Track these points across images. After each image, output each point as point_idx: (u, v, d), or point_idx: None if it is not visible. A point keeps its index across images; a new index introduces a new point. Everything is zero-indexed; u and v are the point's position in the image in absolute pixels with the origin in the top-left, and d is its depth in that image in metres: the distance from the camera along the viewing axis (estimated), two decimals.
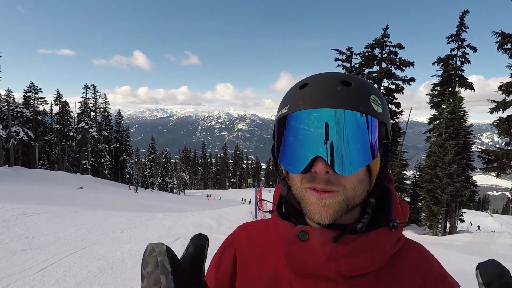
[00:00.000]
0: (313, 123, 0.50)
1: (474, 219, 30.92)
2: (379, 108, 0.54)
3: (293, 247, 0.56)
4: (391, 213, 0.59)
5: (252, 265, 0.66)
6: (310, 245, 0.55)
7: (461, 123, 20.57)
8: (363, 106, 0.51)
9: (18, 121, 37.71)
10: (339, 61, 24.50)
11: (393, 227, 0.56)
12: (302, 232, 0.56)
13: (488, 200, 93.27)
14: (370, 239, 0.55)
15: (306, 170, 0.52)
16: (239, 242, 0.72)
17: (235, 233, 0.75)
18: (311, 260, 0.54)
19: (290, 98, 0.56)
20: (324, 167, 0.50)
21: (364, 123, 0.51)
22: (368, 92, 0.54)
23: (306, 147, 0.51)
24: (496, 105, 18.40)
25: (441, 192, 19.41)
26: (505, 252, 9.23)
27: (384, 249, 0.56)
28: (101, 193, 26.27)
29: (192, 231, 8.05)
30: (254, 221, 0.77)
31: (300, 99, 0.53)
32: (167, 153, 70.35)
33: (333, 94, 0.51)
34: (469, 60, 22.76)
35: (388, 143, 0.57)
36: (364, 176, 0.55)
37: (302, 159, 0.52)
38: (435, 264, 0.61)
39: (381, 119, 0.53)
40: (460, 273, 6.22)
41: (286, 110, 0.55)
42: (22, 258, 4.91)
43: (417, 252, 0.62)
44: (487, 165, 19.45)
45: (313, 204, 0.53)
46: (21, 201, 12.41)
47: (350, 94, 0.52)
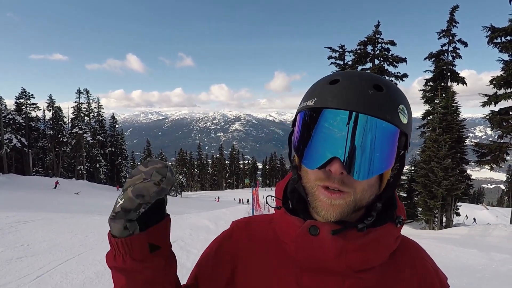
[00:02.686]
0: (338, 124, 0.50)
1: (470, 212, 31.24)
2: (404, 119, 0.54)
3: (303, 241, 0.57)
4: (396, 209, 0.61)
5: (254, 261, 0.65)
6: (321, 239, 0.56)
7: (454, 118, 20.76)
8: (390, 115, 0.51)
9: (10, 128, 37.24)
10: (332, 59, 24.57)
11: (399, 223, 0.59)
12: (313, 226, 0.57)
13: (483, 193, 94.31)
14: (378, 234, 0.57)
15: (321, 167, 0.52)
16: (239, 237, 0.70)
17: (234, 227, 0.73)
18: (322, 254, 0.55)
19: (318, 91, 0.55)
20: (340, 168, 0.50)
21: (387, 133, 0.51)
22: (398, 101, 0.53)
23: (326, 146, 0.51)
24: (488, 99, 18.58)
25: (437, 186, 19.58)
26: (501, 244, 9.33)
27: (389, 244, 0.59)
28: (97, 198, 26.07)
29: (189, 233, 8.02)
30: (256, 216, 0.76)
31: (328, 94, 0.53)
32: (163, 156, 70.16)
33: (363, 97, 0.51)
34: (460, 55, 22.99)
35: (404, 153, 0.57)
36: (375, 181, 0.56)
37: (320, 156, 0.52)
38: (429, 261, 0.65)
39: (404, 130, 0.54)
40: (458, 266, 6.28)
41: (312, 103, 0.54)
42: (17, 266, 4.85)
43: (414, 249, 0.66)
44: (481, 158, 19.64)
45: (323, 202, 0.54)
46: (15, 209, 12.27)
47: (380, 100, 0.51)
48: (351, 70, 0.58)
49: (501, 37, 17.43)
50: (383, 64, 23.11)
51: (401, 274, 0.60)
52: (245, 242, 0.68)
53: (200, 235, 7.91)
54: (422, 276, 0.61)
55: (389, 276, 0.59)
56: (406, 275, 0.60)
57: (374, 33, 22.95)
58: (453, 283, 4.94)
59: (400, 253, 0.62)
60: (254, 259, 0.65)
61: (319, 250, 0.55)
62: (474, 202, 67.73)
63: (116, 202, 0.55)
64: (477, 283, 5.03)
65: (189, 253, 6.10)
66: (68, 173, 45.65)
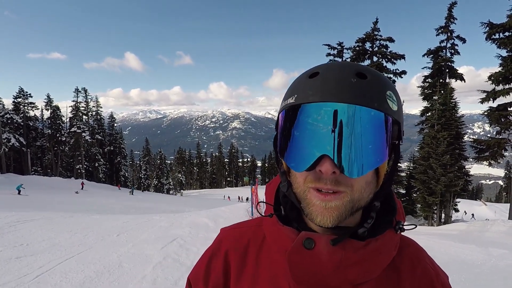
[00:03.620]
0: (323, 118, 0.46)
1: (469, 208, 31.39)
2: (394, 105, 0.49)
3: (298, 256, 0.52)
4: (396, 214, 0.57)
5: (245, 272, 0.61)
6: (316, 253, 0.51)
7: (452, 114, 20.79)
8: (378, 102, 0.47)
9: (8, 128, 37.11)
10: (330, 56, 24.56)
11: (399, 229, 0.55)
12: (308, 239, 0.52)
13: (481, 189, 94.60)
14: (379, 244, 0.53)
15: (310, 168, 0.48)
16: (228, 248, 0.66)
17: (222, 237, 0.69)
18: (319, 269, 0.51)
19: (298, 87, 0.51)
20: (331, 167, 0.46)
21: (378, 122, 0.47)
22: (385, 87, 0.49)
23: (313, 144, 0.47)
24: (486, 95, 18.60)
25: (435, 182, 19.64)
26: (499, 239, 9.38)
27: (390, 253, 0.55)
28: (96, 197, 26.06)
29: (189, 232, 8.02)
30: (242, 223, 0.72)
31: (309, 89, 0.49)
32: (162, 155, 69.95)
33: (346, 86, 0.47)
34: (458, 51, 23.00)
35: (399, 144, 0.52)
36: (372, 177, 0.51)
37: (307, 156, 0.47)
38: (428, 260, 0.62)
39: (395, 117, 0.49)
40: (456, 261, 6.31)
41: (293, 100, 0.50)
42: (16, 265, 4.84)
43: (412, 249, 0.62)
44: (479, 154, 19.70)
45: (316, 206, 0.49)
46: (14, 208, 12.25)
47: (365, 88, 0.47)
48: (332, 62, 0.53)
49: (499, 33, 17.43)
50: (382, 61, 23.10)
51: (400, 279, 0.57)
52: (235, 252, 0.64)
53: (199, 233, 7.92)
54: (421, 279, 0.58)
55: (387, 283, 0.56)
56: (405, 279, 0.57)
57: (372, 30, 22.93)
58: (452, 278, 4.97)
59: (398, 256, 0.58)
60: (245, 270, 0.62)
61: (316, 265, 0.51)
62: (473, 198, 68.06)
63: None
64: (476, 278, 5.06)
65: (188, 251, 6.11)
66: (67, 173, 45.58)
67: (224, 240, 0.68)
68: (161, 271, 4.85)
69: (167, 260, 5.45)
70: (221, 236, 0.70)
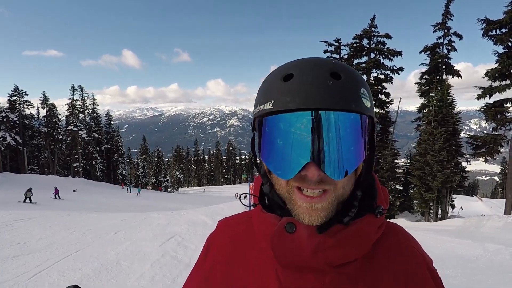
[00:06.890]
0: (305, 127, 0.47)
1: (465, 204, 31.62)
2: (368, 102, 0.52)
3: (280, 239, 0.54)
4: (376, 199, 0.58)
5: (236, 260, 0.64)
6: (297, 237, 0.53)
7: (449, 111, 20.89)
8: (355, 103, 0.49)
9: (4, 126, 36.78)
10: (328, 52, 24.56)
11: (379, 213, 0.56)
12: (289, 224, 0.54)
13: (477, 185, 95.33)
14: (357, 227, 0.54)
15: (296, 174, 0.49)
16: (220, 239, 0.69)
17: (215, 230, 0.73)
18: (299, 251, 0.53)
19: (273, 91, 0.51)
20: (317, 172, 0.48)
21: (357, 124, 0.49)
22: (358, 86, 0.51)
23: (298, 152, 0.48)
24: (482, 92, 18.70)
25: (432, 179, 19.76)
26: (495, 234, 9.47)
27: (370, 235, 0.56)
28: (94, 195, 25.99)
29: (187, 229, 8.03)
30: (234, 215, 0.74)
31: (286, 94, 0.49)
32: (160, 152, 69.74)
33: (323, 90, 0.48)
34: (455, 48, 23.06)
35: (373, 135, 0.55)
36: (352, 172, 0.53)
37: (293, 164, 0.48)
38: (414, 244, 0.63)
39: (369, 114, 0.52)
40: (452, 256, 6.36)
41: (270, 106, 0.50)
42: (14, 264, 4.83)
43: (399, 234, 0.63)
44: (475, 150, 19.84)
45: (303, 208, 0.51)
46: (11, 207, 12.19)
47: (341, 90, 0.48)
48: (303, 59, 0.54)
49: (495, 30, 17.50)
50: (379, 58, 23.12)
51: (386, 262, 0.58)
52: (226, 242, 0.67)
53: (197, 231, 7.92)
54: (408, 262, 0.59)
55: (373, 266, 0.57)
56: (392, 262, 0.58)
57: (369, 26, 22.92)
58: (448, 273, 5.01)
59: (384, 241, 0.60)
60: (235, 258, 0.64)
61: (296, 248, 0.53)
62: (469, 194, 68.54)
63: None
64: (472, 273, 5.10)
65: (186, 249, 6.12)
66: (64, 171, 45.36)
67: (217, 231, 0.72)
68: (159, 268, 4.86)
69: (165, 257, 5.46)
70: (216, 228, 0.73)
